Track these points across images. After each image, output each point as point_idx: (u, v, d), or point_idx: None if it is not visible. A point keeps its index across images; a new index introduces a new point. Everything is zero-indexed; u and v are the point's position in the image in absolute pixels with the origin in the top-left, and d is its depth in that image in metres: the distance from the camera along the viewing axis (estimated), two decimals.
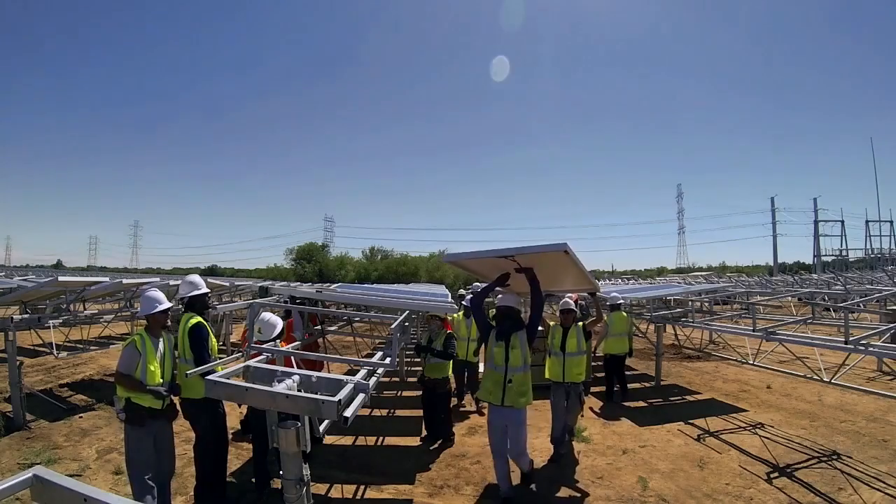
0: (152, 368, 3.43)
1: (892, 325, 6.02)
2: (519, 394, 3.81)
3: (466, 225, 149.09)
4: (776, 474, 4.63)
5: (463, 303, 7.12)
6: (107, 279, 8.30)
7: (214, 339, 4.03)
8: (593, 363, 8.54)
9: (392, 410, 6.86)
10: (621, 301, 7.62)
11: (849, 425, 6.06)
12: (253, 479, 4.27)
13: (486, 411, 5.94)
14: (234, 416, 6.05)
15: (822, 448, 5.30)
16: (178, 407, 3.80)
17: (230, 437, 4.21)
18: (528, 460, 4.21)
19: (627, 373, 9.32)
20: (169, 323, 3.80)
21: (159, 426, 3.52)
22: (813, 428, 5.98)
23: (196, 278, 4.11)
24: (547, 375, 5.21)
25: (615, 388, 7.45)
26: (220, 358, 3.96)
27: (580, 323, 5.20)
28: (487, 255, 3.50)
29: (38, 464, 2.09)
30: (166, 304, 3.64)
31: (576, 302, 9.93)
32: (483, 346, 4.24)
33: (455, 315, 6.77)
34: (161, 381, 3.49)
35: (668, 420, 6.34)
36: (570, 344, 5.03)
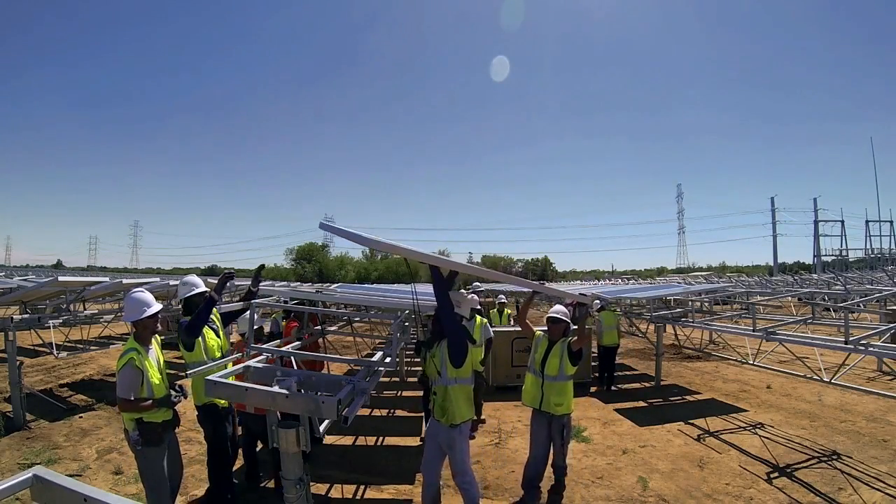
0: (156, 381, 3.15)
1: (892, 325, 6.02)
2: (441, 408, 3.35)
3: (466, 225, 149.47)
4: (776, 474, 4.63)
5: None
6: (107, 279, 8.28)
7: (219, 338, 3.92)
8: (595, 363, 8.57)
9: (392, 410, 6.86)
10: (600, 304, 8.03)
11: (849, 425, 6.06)
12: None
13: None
14: None
15: (822, 448, 5.30)
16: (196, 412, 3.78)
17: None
18: (472, 490, 3.46)
19: (627, 373, 9.49)
20: (159, 327, 3.46)
21: (170, 437, 3.33)
22: (813, 428, 5.98)
23: (192, 278, 3.97)
24: (522, 399, 4.32)
25: (605, 377, 8.25)
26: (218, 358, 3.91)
27: (569, 339, 4.15)
28: (352, 238, 2.73)
29: (38, 464, 2.09)
30: (156, 307, 3.23)
31: (575, 307, 9.92)
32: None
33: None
34: (167, 391, 3.24)
35: (668, 420, 6.34)
36: (550, 365, 4.06)
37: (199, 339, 3.69)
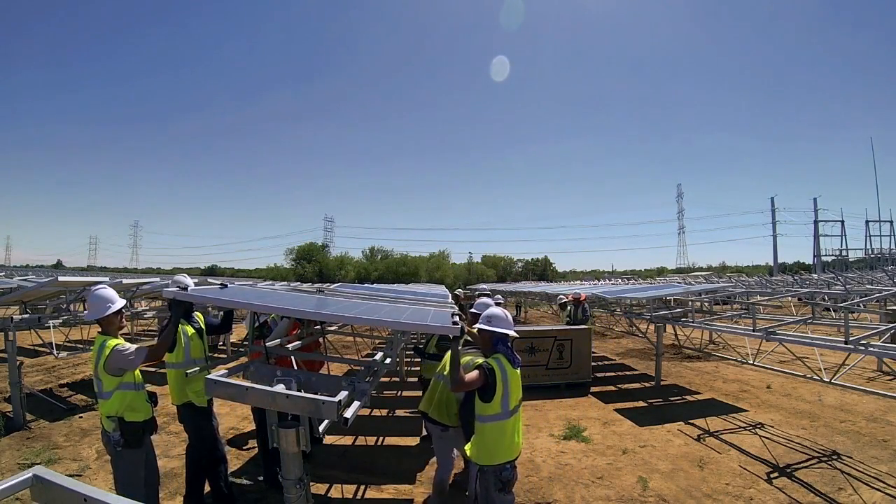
0: (136, 372, 3.14)
1: (892, 325, 6.02)
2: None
3: (466, 225, 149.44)
4: (776, 474, 4.63)
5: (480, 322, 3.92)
6: (107, 279, 8.28)
7: (202, 341, 3.90)
8: (594, 363, 8.60)
9: (392, 410, 6.86)
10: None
11: (849, 425, 6.06)
12: (261, 478, 4.36)
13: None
14: (232, 416, 6.07)
15: (822, 448, 5.30)
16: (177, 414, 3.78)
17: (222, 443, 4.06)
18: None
19: (627, 373, 9.59)
20: (125, 323, 3.39)
21: (147, 442, 3.25)
22: (813, 428, 5.98)
23: (181, 278, 3.84)
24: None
25: None
26: (211, 357, 3.90)
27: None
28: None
29: (38, 464, 2.09)
30: (119, 304, 3.19)
31: (577, 302, 9.99)
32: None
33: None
34: (142, 385, 3.19)
35: (668, 420, 6.34)
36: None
37: (182, 339, 3.69)
